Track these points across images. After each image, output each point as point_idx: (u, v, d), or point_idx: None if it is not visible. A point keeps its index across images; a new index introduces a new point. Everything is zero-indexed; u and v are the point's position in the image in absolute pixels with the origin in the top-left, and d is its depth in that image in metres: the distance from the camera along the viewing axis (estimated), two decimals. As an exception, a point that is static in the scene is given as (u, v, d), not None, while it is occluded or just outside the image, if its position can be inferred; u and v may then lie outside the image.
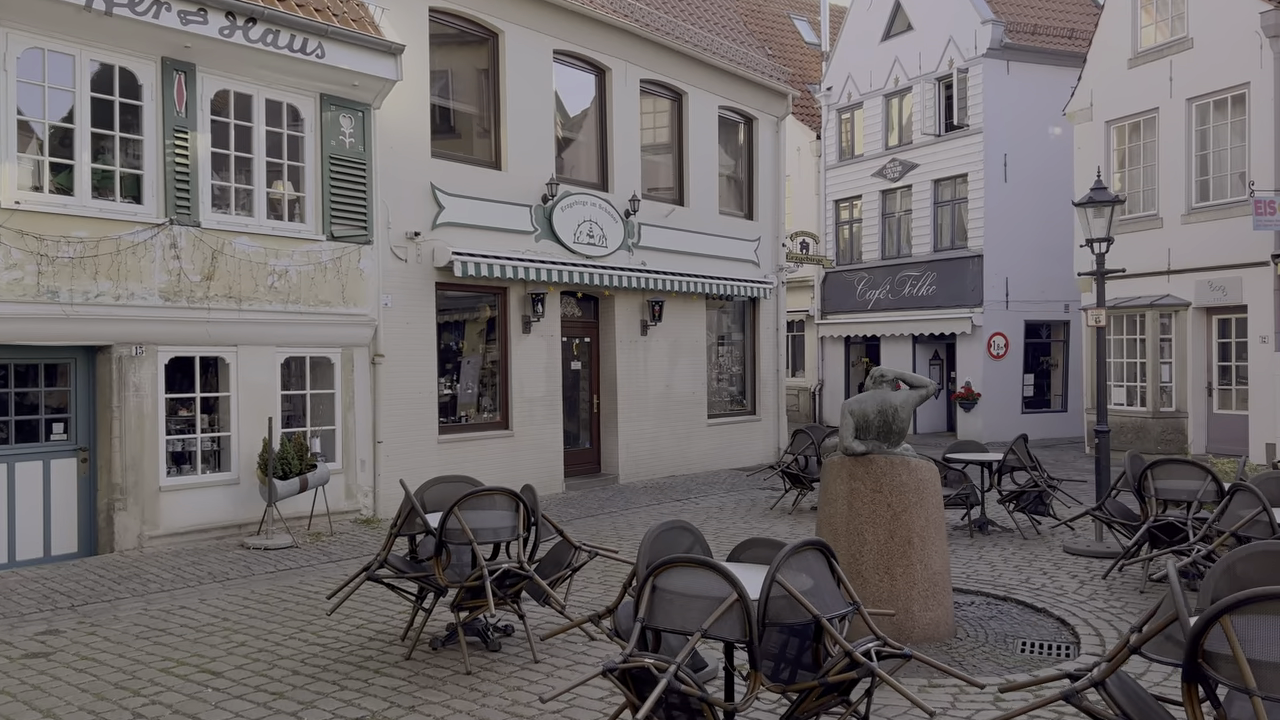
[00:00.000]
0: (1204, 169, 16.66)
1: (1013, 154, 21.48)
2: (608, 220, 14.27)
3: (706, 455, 16.18)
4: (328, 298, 10.85)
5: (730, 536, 10.36)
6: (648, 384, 15.16)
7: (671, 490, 14.08)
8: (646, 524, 11.25)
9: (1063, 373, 22.64)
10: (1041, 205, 21.72)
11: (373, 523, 11.23)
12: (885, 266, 23.75)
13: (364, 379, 11.36)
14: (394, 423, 11.62)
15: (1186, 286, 16.77)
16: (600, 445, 14.86)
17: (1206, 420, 16.81)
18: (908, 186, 23.30)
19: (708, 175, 16.34)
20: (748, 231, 17.13)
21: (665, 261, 15.19)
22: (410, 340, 11.85)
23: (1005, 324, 21.64)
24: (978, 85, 21.35)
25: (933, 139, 22.50)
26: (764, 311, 17.56)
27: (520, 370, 13.23)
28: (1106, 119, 18.25)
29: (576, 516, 11.87)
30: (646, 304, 15.09)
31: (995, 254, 21.41)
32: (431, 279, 12.13)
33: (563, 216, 13.63)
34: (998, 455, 10.57)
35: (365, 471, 11.39)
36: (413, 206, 11.90)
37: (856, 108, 24.71)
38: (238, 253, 10.07)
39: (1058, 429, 22.24)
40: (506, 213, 12.96)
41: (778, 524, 11.15)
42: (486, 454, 12.76)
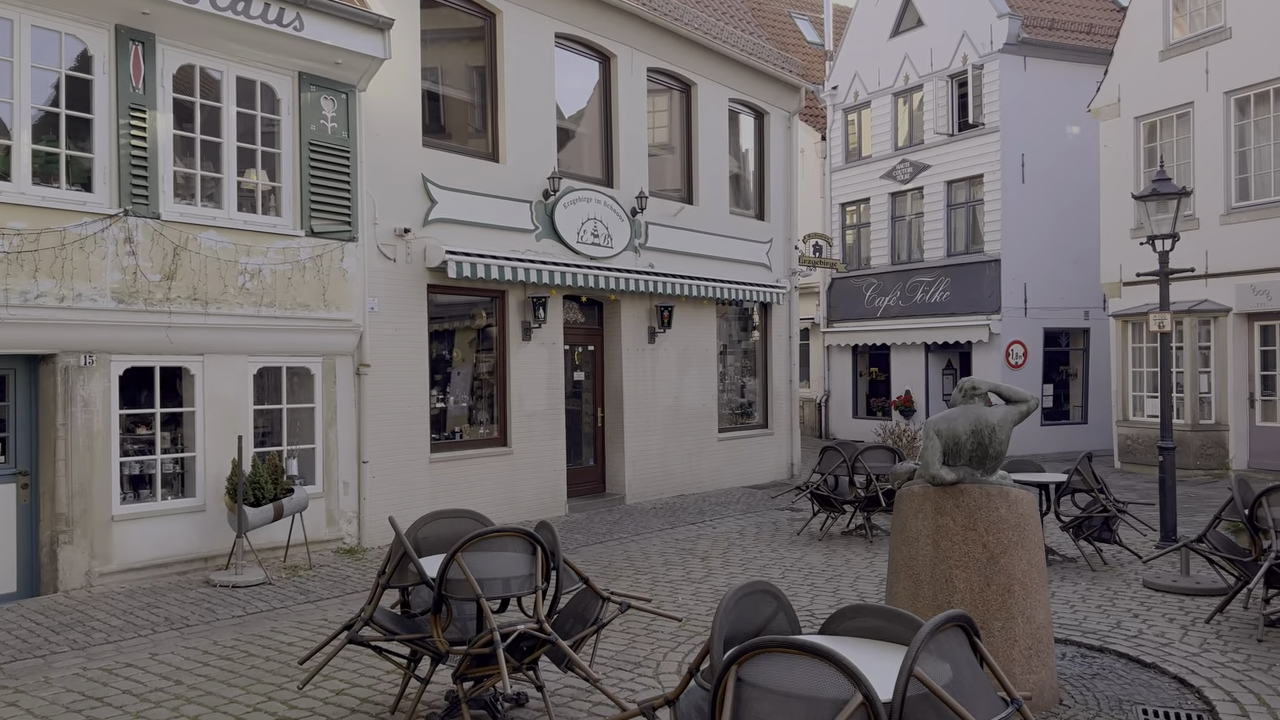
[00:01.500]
0: (1243, 166, 15.68)
1: (1030, 154, 20.51)
2: (613, 219, 13.15)
3: (717, 472, 15.04)
4: (307, 300, 9.67)
5: (758, 567, 9.22)
6: (656, 395, 14.02)
7: (684, 512, 12.93)
8: (663, 553, 10.11)
9: (1082, 383, 21.63)
10: (1059, 207, 20.75)
11: (356, 553, 10.03)
12: (895, 272, 22.72)
13: (347, 391, 10.18)
14: (381, 440, 10.45)
15: (1226, 291, 15.77)
16: (605, 462, 13.70)
17: (1249, 433, 15.80)
18: (919, 188, 22.29)
19: (718, 173, 15.26)
20: (759, 233, 16.04)
21: (674, 263, 14.08)
22: (399, 348, 10.68)
23: (1024, 332, 20.63)
24: (994, 82, 20.38)
25: (946, 139, 21.51)
26: (776, 318, 16.47)
27: (520, 381, 12.07)
28: (1136, 114, 17.27)
29: (584, 544, 10.72)
30: (654, 309, 13.97)
31: (1013, 258, 20.41)
32: (423, 280, 10.98)
33: (565, 214, 12.50)
34: (1058, 475, 9.46)
35: (349, 495, 10.20)
36: (402, 200, 10.75)
37: (864, 107, 23.71)
38: (204, 249, 8.89)
39: (1078, 442, 21.19)
40: (505, 209, 11.82)
41: (809, 552, 10.02)
42: (483, 474, 11.59)
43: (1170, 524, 9.37)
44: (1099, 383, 21.54)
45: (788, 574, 9.00)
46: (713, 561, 9.62)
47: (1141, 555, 9.15)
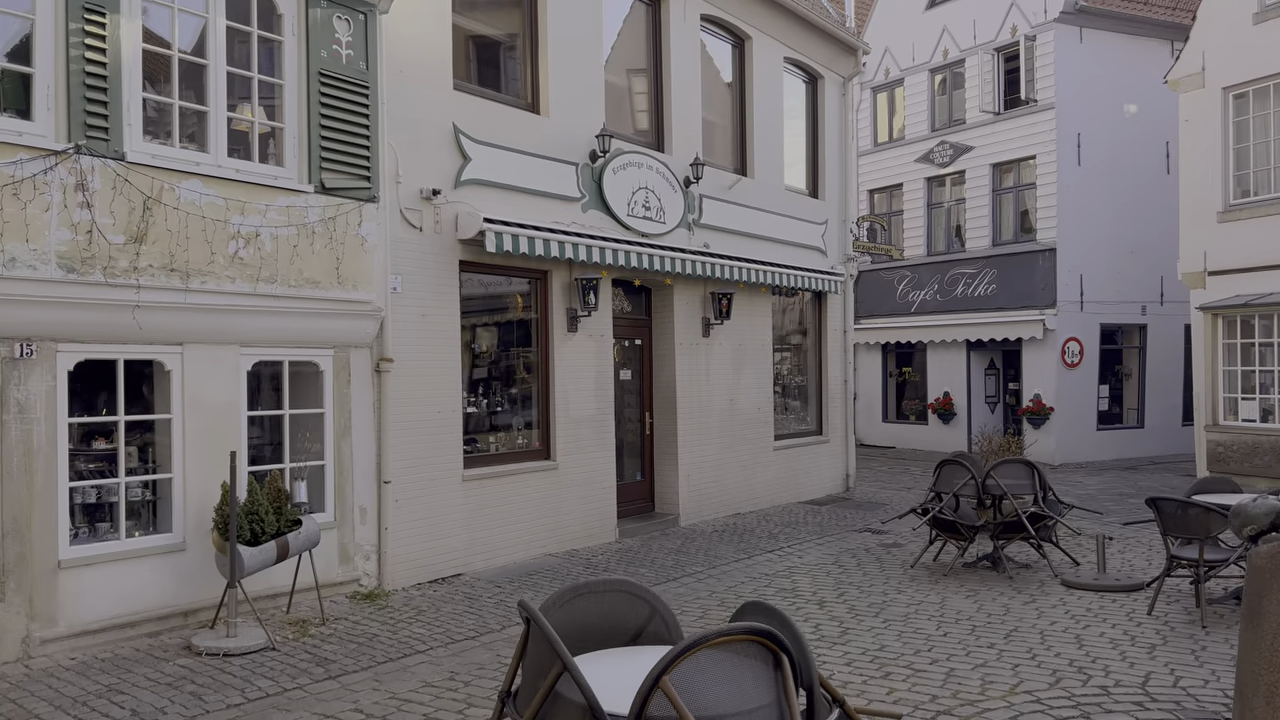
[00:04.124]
0: (1357, 140, 13.99)
1: (1086, 134, 18.76)
2: (666, 189, 11.11)
3: (772, 486, 13.03)
4: (316, 275, 7.53)
5: (896, 616, 7.19)
6: (711, 398, 11.99)
7: (751, 536, 10.90)
8: (759, 594, 8.06)
9: (1137, 384, 19.91)
10: (1116, 193, 19.04)
11: (377, 599, 7.88)
12: (932, 264, 20.88)
13: (365, 393, 8.04)
14: (406, 454, 8.31)
15: (1337, 279, 14.06)
16: (654, 476, 11.63)
17: (1362, 439, 14.10)
18: (959, 172, 20.47)
19: (772, 142, 13.27)
20: (814, 213, 14.08)
21: (729, 244, 12.07)
22: (428, 339, 8.56)
23: (1079, 328, 18.86)
24: (1048, 55, 18.60)
25: (991, 118, 19.70)
26: (831, 309, 14.50)
27: (565, 381, 9.98)
28: (1224, 85, 15.52)
29: (653, 581, 8.65)
30: (710, 297, 11.93)
31: (1069, 247, 18.64)
32: (454, 255, 8.86)
33: (615, 181, 10.44)
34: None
35: (366, 525, 8.05)
36: (430, 155, 8.64)
37: (896, 85, 21.87)
38: (184, 204, 6.72)
39: (1136, 448, 19.50)
40: (548, 171, 9.74)
41: (944, 592, 8.02)
42: (524, 494, 9.48)
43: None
44: (1157, 383, 19.87)
45: (943, 625, 7.00)
46: (833, 608, 7.59)
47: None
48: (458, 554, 8.77)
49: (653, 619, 3.57)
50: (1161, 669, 5.85)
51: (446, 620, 7.33)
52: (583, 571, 9.05)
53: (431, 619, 7.36)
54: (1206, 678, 5.68)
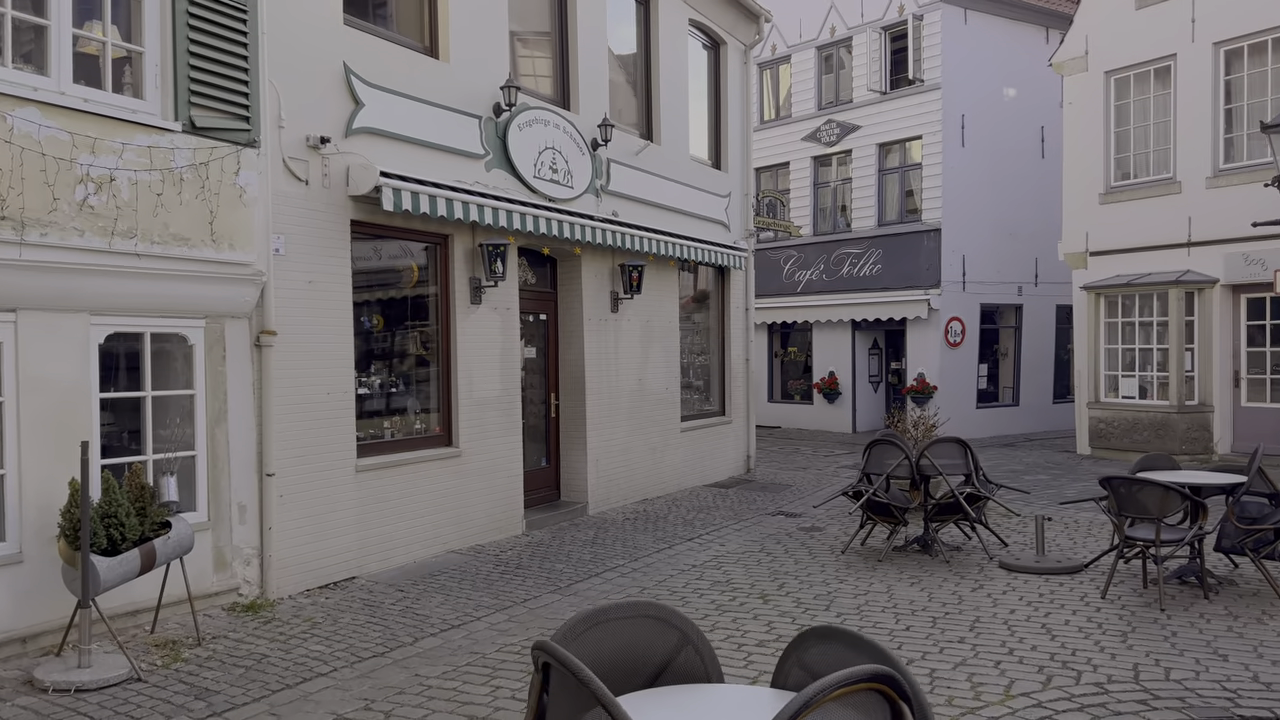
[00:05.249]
0: (1233, 124, 14.47)
1: (970, 115, 18.94)
2: (573, 151, 10.25)
3: (679, 470, 12.42)
4: (185, 231, 6.34)
5: (849, 609, 6.66)
6: (620, 378, 11.24)
7: (664, 523, 10.24)
8: (693, 588, 7.41)
9: (1013, 362, 20.37)
10: (997, 175, 19.34)
11: (259, 610, 6.78)
12: (819, 243, 20.74)
13: (243, 371, 6.89)
14: (292, 442, 7.20)
15: (1212, 261, 14.53)
16: (560, 462, 10.80)
17: (1233, 415, 14.66)
18: (846, 152, 20.38)
19: (678, 108, 12.57)
20: (718, 185, 13.49)
21: (637, 214, 11.32)
22: (316, 309, 7.45)
23: (962, 308, 19.09)
24: (935, 35, 18.64)
25: (878, 97, 19.66)
26: (734, 286, 13.98)
27: (468, 358, 9.02)
28: (1106, 69, 15.84)
29: (574, 579, 7.87)
30: (619, 269, 11.16)
31: (953, 228, 18.80)
32: (346, 214, 7.77)
33: (520, 139, 9.51)
34: (1227, 476, 7.38)
35: (246, 525, 6.92)
36: (318, 97, 7.50)
37: (783, 62, 21.59)
38: (17, 136, 5.44)
39: (1013, 425, 19.96)
40: (449, 124, 8.73)
41: (888, 579, 7.56)
42: (424, 485, 8.49)
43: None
44: (1031, 362, 20.38)
45: (900, 618, 6.51)
46: (779, 602, 7.00)
47: (1320, 572, 7.23)
48: (351, 554, 7.73)
49: (683, 649, 2.81)
50: (1145, 660, 5.50)
51: (347, 633, 6.33)
52: (492, 569, 8.17)
53: (329, 633, 6.34)
54: (1193, 668, 5.35)
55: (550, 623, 6.56)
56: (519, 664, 5.71)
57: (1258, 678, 5.17)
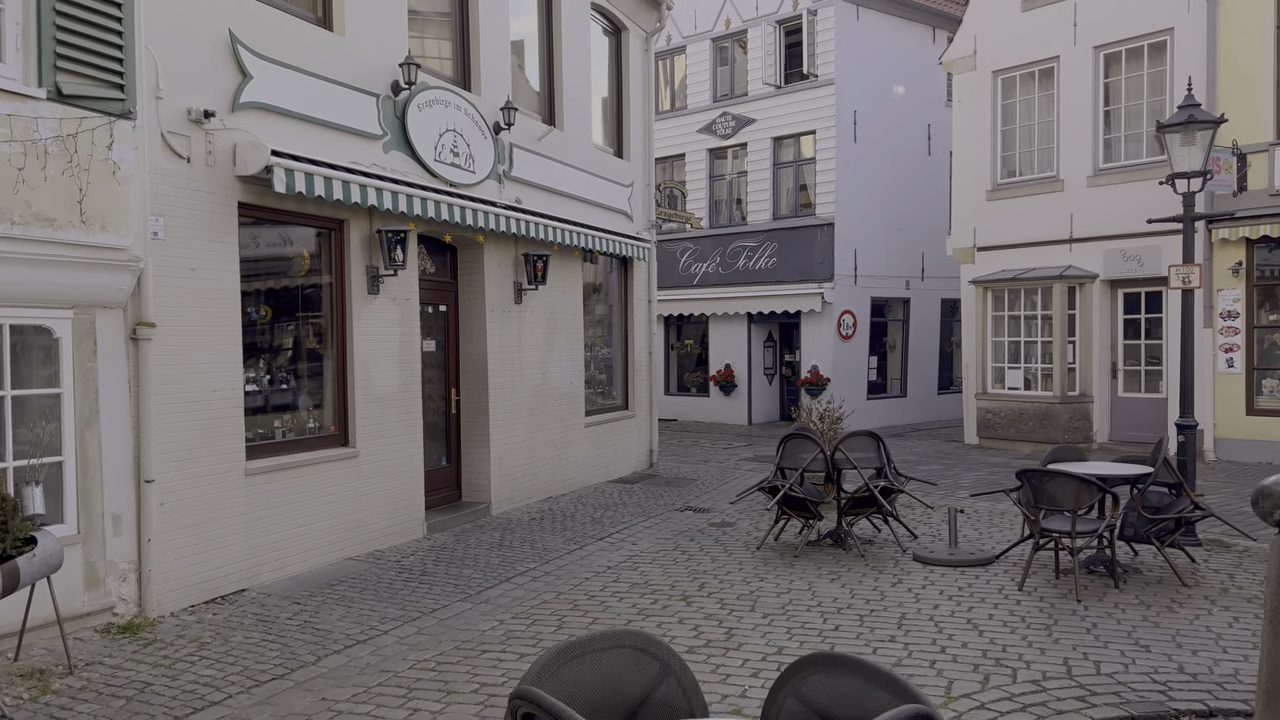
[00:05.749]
0: (1110, 126, 15.05)
1: (861, 111, 19.22)
2: (475, 134, 9.79)
3: (583, 466, 12.11)
4: (50, 210, 5.65)
5: (774, 608, 6.50)
6: (523, 372, 10.83)
7: (572, 522, 9.92)
8: (611, 593, 7.13)
9: (901, 355, 20.84)
10: (886, 170, 19.70)
11: (139, 630, 6.15)
12: (714, 236, 20.72)
13: (117, 367, 6.22)
14: (173, 444, 6.57)
15: (1093, 257, 15.11)
16: (462, 461, 10.33)
17: (1111, 405, 15.30)
18: (742, 145, 20.41)
19: (581, 94, 12.22)
20: (621, 174, 13.20)
21: (540, 202, 10.93)
22: (200, 299, 6.82)
23: (854, 301, 19.39)
24: (828, 30, 18.82)
25: (773, 91, 19.74)
26: (637, 277, 13.74)
27: (366, 352, 8.48)
28: (994, 69, 16.27)
29: (485, 585, 7.48)
30: (522, 259, 10.75)
31: (846, 222, 19.05)
32: (233, 195, 7.14)
33: (420, 120, 9.00)
34: (1133, 467, 7.54)
35: (122, 536, 6.26)
36: (201, 66, 6.85)
37: (677, 53, 21.45)
38: None
39: (900, 416, 20.41)
40: (345, 101, 8.16)
41: (812, 577, 7.44)
42: (320, 489, 7.92)
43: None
44: (917, 355, 20.89)
45: (827, 616, 6.38)
46: (702, 603, 6.78)
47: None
48: (240, 565, 7.13)
49: (664, 681, 2.52)
50: (1073, 654, 5.51)
51: (240, 654, 5.79)
52: (395, 577, 7.68)
53: (220, 654, 5.78)
54: (1120, 660, 5.38)
55: (464, 634, 6.16)
56: (435, 683, 5.30)
57: (1183, 668, 5.23)
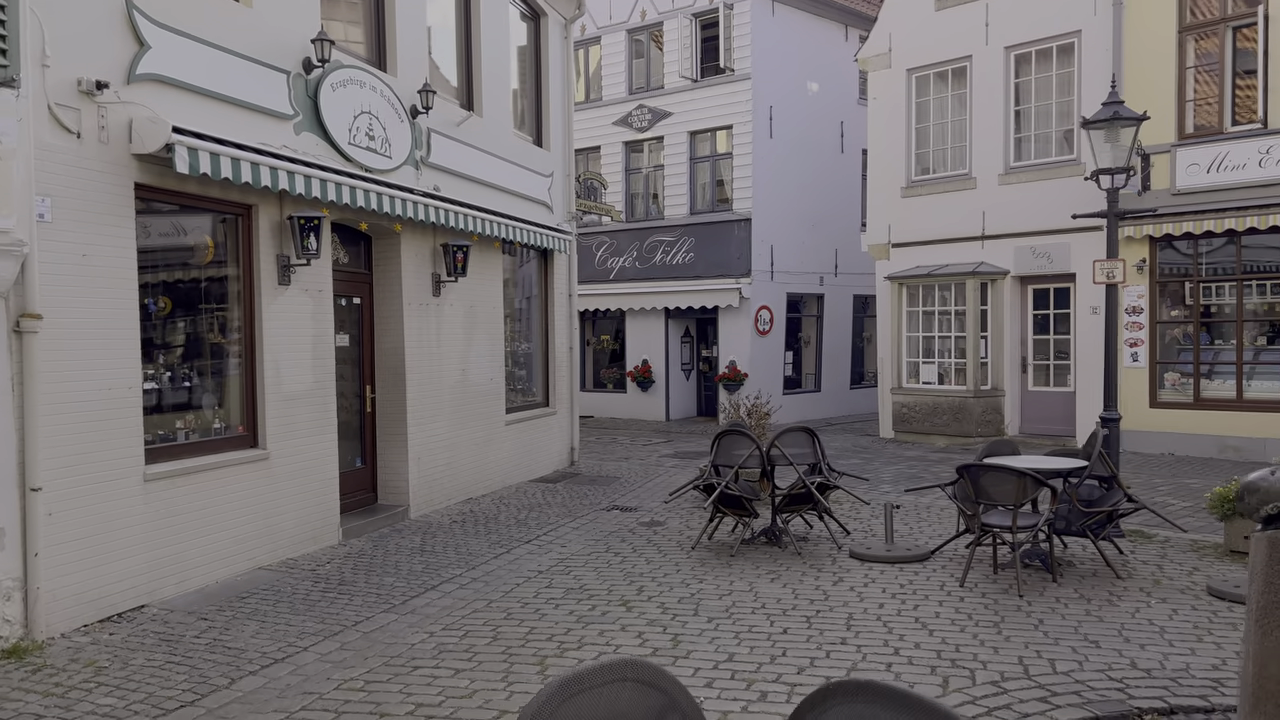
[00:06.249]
0: (1020, 125, 15.36)
1: (777, 107, 19.24)
2: (391, 118, 9.29)
3: (504, 465, 11.70)
4: (-83, 187, 5.01)
5: (719, 611, 6.27)
6: (442, 368, 10.37)
7: (496, 525, 9.52)
8: (549, 601, 6.81)
9: (815, 350, 20.98)
10: (801, 166, 19.79)
11: (25, 655, 5.54)
12: (631, 230, 20.48)
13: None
14: (63, 448, 5.95)
15: (1004, 253, 15.41)
16: (377, 462, 9.82)
17: (1021, 399, 15.64)
18: (658, 138, 20.22)
19: (501, 79, 11.79)
20: (541, 164, 12.82)
21: (459, 190, 10.49)
22: (92, 289, 6.20)
23: (770, 296, 19.42)
24: (745, 24, 18.77)
25: (690, 84, 19.60)
26: (558, 270, 13.39)
27: (276, 347, 7.92)
28: (908, 67, 16.45)
29: (411, 594, 7.05)
30: (441, 249, 10.28)
31: (762, 218, 19.06)
32: (129, 175, 6.53)
33: (333, 100, 8.47)
34: (1067, 461, 7.56)
35: (5, 551, 5.63)
36: (92, 33, 6.24)
37: (592, 43, 21.12)
38: None
39: (815, 410, 20.56)
40: (253, 77, 7.59)
41: (752, 577, 7.25)
42: (228, 494, 7.35)
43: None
44: (831, 350, 21.07)
45: (773, 619, 6.19)
46: (643, 608, 6.51)
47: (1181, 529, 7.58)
48: (141, 578, 6.54)
49: (668, 716, 2.22)
50: (1026, 652, 5.43)
51: (143, 679, 5.25)
52: (311, 587, 7.18)
53: (120, 679, 5.24)
54: (1073, 658, 5.32)
55: (392, 649, 5.74)
56: (365, 704, 4.89)
57: (1135, 664, 5.19)
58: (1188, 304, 13.78)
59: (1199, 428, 13.36)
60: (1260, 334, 13.21)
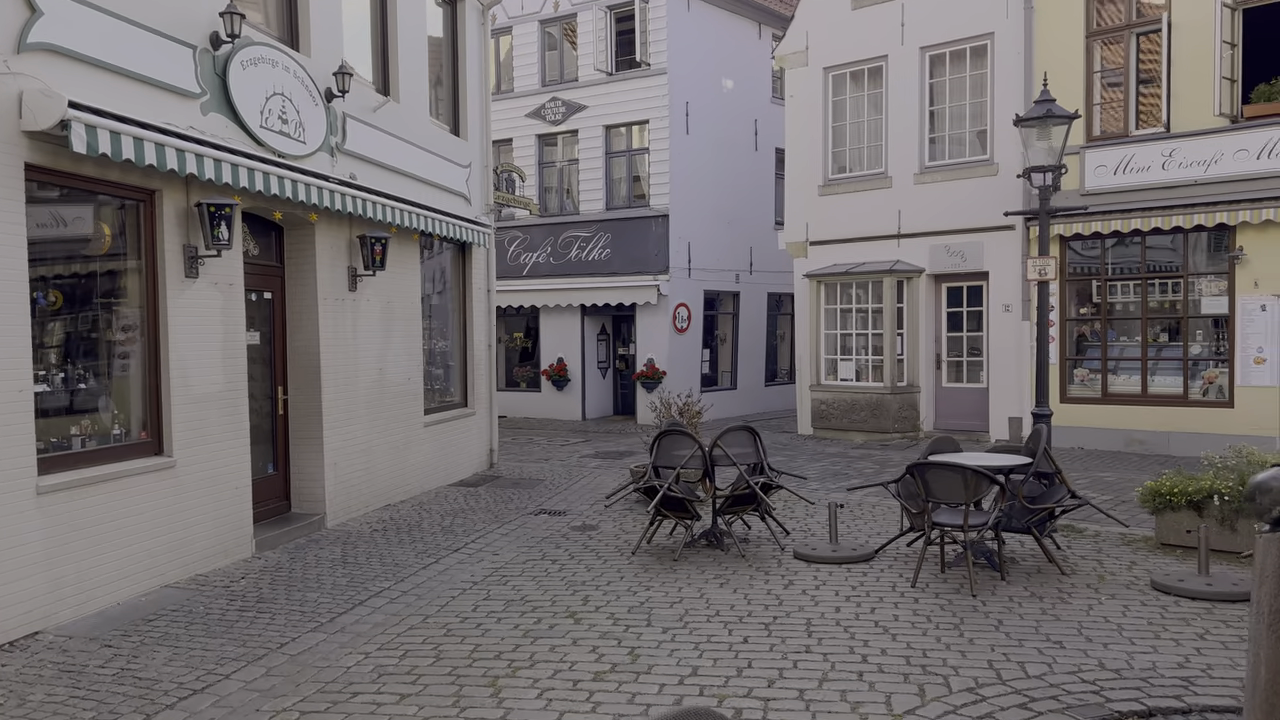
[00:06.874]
0: (937, 125, 15.57)
1: (694, 103, 19.10)
2: (306, 100, 8.71)
3: (423, 469, 11.18)
4: None
5: (671, 622, 6.00)
6: (359, 367, 9.81)
7: (421, 532, 9.04)
8: (490, 615, 6.43)
9: (731, 347, 20.95)
10: (717, 163, 19.72)
11: (-100, 695, 4.88)
12: (545, 225, 20.06)
13: None
14: (-58, 461, 5.28)
15: (919, 252, 15.59)
16: (291, 468, 9.20)
17: (936, 395, 15.86)
18: (573, 131, 19.84)
19: (417, 63, 11.25)
20: (459, 153, 12.32)
21: (376, 178, 9.94)
22: (-23, 280, 5.53)
23: (688, 294, 19.29)
24: (660, 19, 18.57)
25: (605, 78, 19.30)
26: (476, 265, 12.90)
27: (183, 346, 7.29)
28: (825, 65, 16.50)
29: (334, 610, 6.55)
30: (358, 241, 9.72)
31: (680, 214, 18.89)
32: (17, 154, 5.85)
33: (244, 79, 7.86)
34: (1011, 457, 7.54)
35: (-127, 579, 4.94)
36: (-27, -8, 5.56)
37: (503, 33, 20.59)
38: None
39: (731, 408, 20.52)
40: (156, 50, 6.95)
41: (700, 583, 6.99)
42: (130, 504, 6.71)
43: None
44: (746, 347, 21.07)
45: (731, 628, 5.94)
46: (593, 620, 6.18)
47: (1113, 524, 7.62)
48: (34, 602, 5.88)
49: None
50: (995, 656, 5.31)
51: (44, 717, 4.66)
52: (227, 606, 6.61)
53: (16, 718, 4.64)
54: (1041, 659, 5.23)
55: (326, 673, 5.27)
56: (304, 738, 4.43)
57: (1103, 664, 5.13)
58: (1095, 302, 14.17)
59: (1107, 422, 13.74)
60: (1162, 331, 13.68)
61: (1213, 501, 7.39)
